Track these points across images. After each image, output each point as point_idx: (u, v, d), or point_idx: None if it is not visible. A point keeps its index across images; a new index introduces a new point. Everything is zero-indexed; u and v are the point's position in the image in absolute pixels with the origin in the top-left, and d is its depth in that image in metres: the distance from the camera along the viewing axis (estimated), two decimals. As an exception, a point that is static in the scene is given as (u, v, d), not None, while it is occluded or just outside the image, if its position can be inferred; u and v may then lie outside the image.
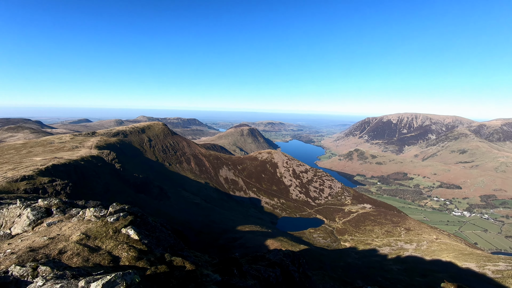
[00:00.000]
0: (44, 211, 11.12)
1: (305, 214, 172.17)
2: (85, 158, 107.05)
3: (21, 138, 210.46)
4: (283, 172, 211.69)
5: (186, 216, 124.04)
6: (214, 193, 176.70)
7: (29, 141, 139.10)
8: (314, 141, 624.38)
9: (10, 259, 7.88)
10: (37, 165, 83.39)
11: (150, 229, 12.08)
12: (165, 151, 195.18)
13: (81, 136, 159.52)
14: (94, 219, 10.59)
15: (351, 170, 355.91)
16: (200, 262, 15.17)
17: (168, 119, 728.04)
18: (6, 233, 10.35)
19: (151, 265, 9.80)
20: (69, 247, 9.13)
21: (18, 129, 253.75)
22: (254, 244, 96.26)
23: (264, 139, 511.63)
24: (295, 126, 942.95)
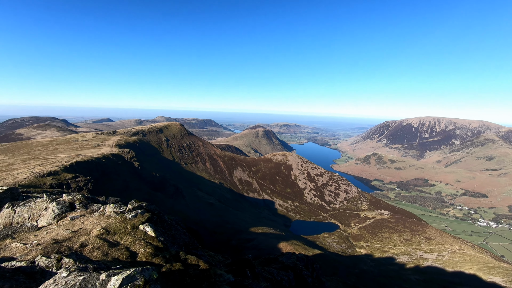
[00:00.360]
0: (68, 205, 11.66)
1: (320, 218, 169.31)
2: (106, 156, 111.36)
3: (49, 135, 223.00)
4: (298, 175, 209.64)
5: (200, 216, 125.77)
6: (228, 194, 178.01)
7: (56, 139, 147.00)
8: (330, 144, 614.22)
9: (36, 250, 8.29)
10: (62, 162, 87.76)
11: (166, 227, 12.32)
12: (181, 151, 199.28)
13: (103, 134, 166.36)
14: (114, 215, 10.95)
15: (368, 174, 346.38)
16: (213, 261, 15.26)
17: (185, 119, 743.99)
18: (33, 225, 10.90)
19: (167, 262, 9.98)
20: (90, 241, 9.47)
21: (46, 127, 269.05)
22: (267, 246, 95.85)
23: (279, 141, 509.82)
24: (310, 129, 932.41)
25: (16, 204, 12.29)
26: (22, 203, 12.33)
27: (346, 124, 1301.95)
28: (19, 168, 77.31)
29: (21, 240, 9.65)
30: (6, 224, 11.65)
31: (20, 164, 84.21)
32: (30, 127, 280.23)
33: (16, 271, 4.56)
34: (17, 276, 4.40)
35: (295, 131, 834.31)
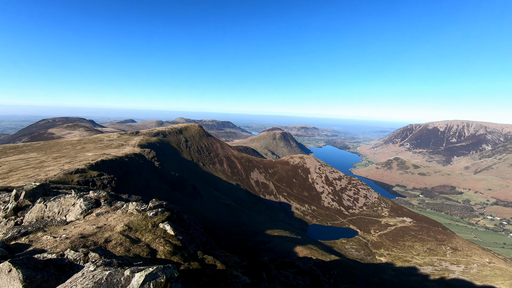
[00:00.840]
0: (94, 202, 12.22)
1: (337, 223, 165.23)
2: (129, 156, 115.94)
3: (77, 135, 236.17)
4: (315, 178, 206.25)
5: (216, 216, 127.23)
6: (244, 195, 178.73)
7: (83, 138, 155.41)
8: (349, 148, 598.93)
9: (65, 243, 8.74)
10: (88, 160, 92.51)
11: (185, 226, 12.56)
12: (199, 151, 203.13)
13: (126, 135, 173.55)
14: (136, 213, 11.32)
15: (389, 180, 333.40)
16: (229, 262, 15.32)
17: (203, 121, 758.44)
18: (62, 220, 11.49)
19: (185, 261, 10.14)
20: (113, 237, 9.81)
21: (74, 127, 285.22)
22: (283, 250, 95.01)
23: (297, 143, 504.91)
24: (329, 131, 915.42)
25: (48, 199, 13.05)
26: (52, 199, 13.07)
27: (367, 127, 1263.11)
28: (50, 166, 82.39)
29: (51, 233, 10.20)
30: (38, 217, 12.39)
31: (51, 161, 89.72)
32: (60, 127, 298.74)
33: (47, 263, 4.84)
34: (48, 268, 4.67)
35: (313, 134, 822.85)
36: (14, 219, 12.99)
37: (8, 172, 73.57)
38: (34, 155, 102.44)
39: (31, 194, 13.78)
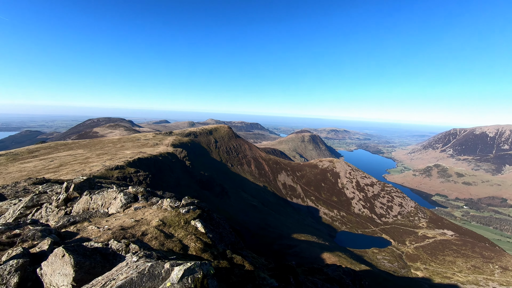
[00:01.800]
0: (132, 197, 13.04)
1: (369, 231, 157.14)
2: (163, 154, 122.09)
3: (117, 134, 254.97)
4: (345, 183, 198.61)
5: (243, 217, 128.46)
6: (271, 197, 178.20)
7: (123, 137, 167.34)
8: (383, 152, 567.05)
9: (107, 234, 9.40)
10: (127, 158, 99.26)
11: (215, 225, 12.83)
12: (228, 152, 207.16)
13: (161, 135, 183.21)
14: (170, 209, 11.82)
15: (428, 188, 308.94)
16: (257, 264, 15.30)
17: (232, 122, 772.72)
18: (105, 212, 12.40)
19: (214, 258, 10.34)
20: (149, 231, 10.32)
21: (116, 127, 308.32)
22: (309, 255, 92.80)
23: (326, 146, 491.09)
24: (361, 135, 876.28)
25: (92, 192, 14.21)
26: (97, 192, 14.21)
27: (403, 131, 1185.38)
28: (94, 162, 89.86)
29: (96, 224, 11.03)
30: (84, 209, 13.53)
31: (95, 158, 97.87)
32: (103, 126, 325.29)
33: (94, 251, 5.26)
34: (95, 255, 5.07)
35: (343, 137, 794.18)
36: (64, 209, 14.38)
37: (59, 166, 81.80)
38: (80, 152, 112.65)
39: (79, 187, 15.17)
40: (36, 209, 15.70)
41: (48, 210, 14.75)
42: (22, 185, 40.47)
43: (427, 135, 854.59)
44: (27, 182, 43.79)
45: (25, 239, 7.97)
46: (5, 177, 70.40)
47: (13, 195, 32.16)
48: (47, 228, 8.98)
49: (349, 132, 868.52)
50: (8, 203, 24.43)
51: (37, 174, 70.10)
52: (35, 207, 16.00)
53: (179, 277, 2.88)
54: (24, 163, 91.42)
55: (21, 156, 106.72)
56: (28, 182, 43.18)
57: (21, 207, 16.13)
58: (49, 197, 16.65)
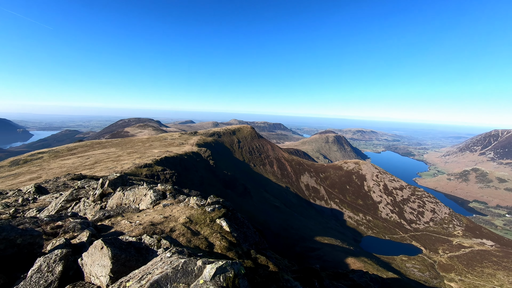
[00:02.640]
0: (161, 194, 13.57)
1: (397, 237, 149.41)
2: (188, 154, 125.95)
3: (146, 134, 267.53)
4: (372, 186, 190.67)
5: (265, 217, 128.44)
6: (294, 199, 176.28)
7: (151, 137, 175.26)
8: (414, 154, 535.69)
9: (139, 229, 9.85)
10: (154, 156, 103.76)
11: (239, 224, 12.94)
12: (251, 152, 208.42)
13: (186, 134, 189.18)
14: (196, 207, 12.11)
15: (465, 194, 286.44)
16: (280, 265, 15.16)
17: (255, 122, 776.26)
18: (136, 207, 13.03)
19: (239, 257, 10.40)
20: (177, 227, 10.65)
21: (145, 127, 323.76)
22: (333, 259, 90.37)
23: (352, 148, 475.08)
24: (389, 136, 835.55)
25: (125, 189, 15.00)
26: (129, 188, 14.97)
27: (437, 132, 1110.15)
28: (125, 159, 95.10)
29: (128, 218, 11.61)
30: (117, 204, 14.31)
31: (126, 156, 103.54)
32: (134, 126, 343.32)
33: (129, 245, 5.53)
34: (129, 249, 5.33)
35: (370, 138, 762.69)
36: (100, 203, 15.36)
37: (94, 163, 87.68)
38: (113, 150, 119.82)
39: (113, 183, 16.13)
40: (75, 203, 16.95)
41: (85, 204, 15.86)
42: (62, 180, 43.95)
43: (463, 137, 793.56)
44: (67, 177, 47.47)
45: (67, 231, 8.60)
46: (47, 172, 76.98)
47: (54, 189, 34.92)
48: (85, 221, 9.62)
49: (376, 133, 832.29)
50: (50, 196, 26.66)
51: (75, 170, 75.73)
52: (74, 201, 17.29)
53: (212, 275, 2.92)
54: (64, 160, 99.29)
55: (61, 153, 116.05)
56: (67, 178, 46.80)
57: (62, 200, 17.51)
58: (86, 192, 17.91)
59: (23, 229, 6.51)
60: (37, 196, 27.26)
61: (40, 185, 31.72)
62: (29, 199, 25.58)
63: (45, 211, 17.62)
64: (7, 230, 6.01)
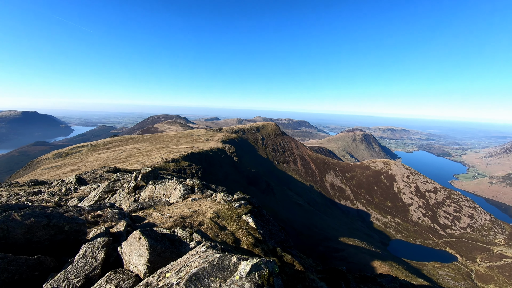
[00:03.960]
0: (190, 188, 14.04)
1: (429, 243, 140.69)
2: (213, 150, 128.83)
3: (174, 130, 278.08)
4: (402, 188, 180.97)
5: (288, 215, 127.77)
6: (318, 197, 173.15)
7: (178, 133, 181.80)
8: (450, 155, 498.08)
9: (169, 221, 10.27)
10: (181, 152, 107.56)
11: (265, 221, 12.98)
12: (275, 149, 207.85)
13: (212, 131, 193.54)
14: (223, 202, 12.36)
15: (509, 199, 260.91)
16: (305, 264, 14.99)
17: (280, 120, 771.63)
18: (166, 201, 13.61)
19: (265, 255, 10.44)
20: (205, 222, 10.94)
21: (172, 123, 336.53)
22: (358, 261, 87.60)
23: (381, 146, 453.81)
24: (423, 135, 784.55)
25: (156, 182, 15.72)
26: (159, 182, 15.67)
27: (477, 131, 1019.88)
28: (154, 154, 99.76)
29: (159, 211, 12.16)
30: (149, 197, 15.06)
31: (155, 151, 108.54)
32: (162, 123, 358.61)
33: (163, 236, 5.80)
34: (164, 241, 5.58)
35: (401, 137, 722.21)
36: (133, 195, 16.28)
37: (126, 157, 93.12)
38: (144, 145, 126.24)
39: (145, 177, 17.02)
40: (111, 194, 18.15)
41: (120, 196, 16.92)
42: (98, 172, 47.31)
43: (509, 137, 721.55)
44: (102, 170, 50.99)
45: (106, 220, 9.23)
46: (86, 164, 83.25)
47: (92, 181, 37.69)
48: (121, 212, 10.25)
49: (408, 132, 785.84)
50: (89, 187, 28.83)
51: (109, 163, 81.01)
52: (110, 192, 18.52)
53: (247, 272, 2.95)
54: (100, 153, 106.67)
55: (98, 147, 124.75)
56: (103, 170, 50.26)
57: (100, 191, 18.85)
58: (121, 184, 19.10)
59: (70, 217, 7.10)
60: (78, 187, 29.66)
61: (80, 176, 34.41)
62: (70, 189, 27.92)
63: (85, 201, 19.10)
64: (57, 218, 6.60)
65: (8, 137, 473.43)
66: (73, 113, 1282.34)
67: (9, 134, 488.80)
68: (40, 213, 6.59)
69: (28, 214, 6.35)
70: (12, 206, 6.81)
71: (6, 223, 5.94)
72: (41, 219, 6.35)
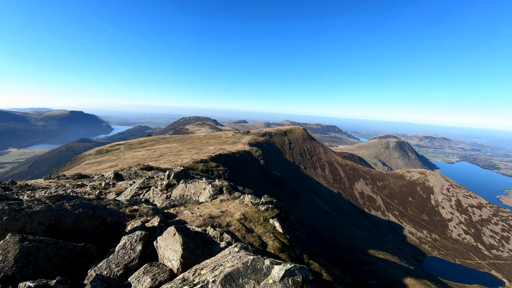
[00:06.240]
0: (218, 189, 14.37)
1: (471, 263, 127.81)
2: (240, 152, 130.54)
3: (203, 131, 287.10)
4: (441, 201, 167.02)
5: (314, 222, 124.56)
6: (346, 206, 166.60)
7: (207, 134, 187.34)
8: (499, 168, 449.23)
9: (199, 220, 10.59)
10: (210, 153, 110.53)
11: (291, 226, 12.83)
12: (302, 154, 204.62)
13: (239, 134, 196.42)
14: (250, 205, 12.45)
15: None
16: (332, 274, 14.48)
17: (308, 124, 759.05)
18: (196, 200, 14.06)
19: (291, 260, 10.28)
20: (232, 223, 11.09)
21: (202, 125, 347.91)
22: (388, 277, 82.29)
23: (417, 155, 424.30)
24: (467, 144, 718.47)
25: (187, 181, 16.33)
26: (190, 181, 16.25)
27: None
28: (184, 154, 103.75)
29: (189, 209, 12.59)
30: (180, 195, 15.66)
31: (185, 151, 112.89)
32: (193, 124, 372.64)
33: (195, 234, 6.01)
34: (196, 238, 5.78)
35: (441, 146, 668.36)
36: (166, 193, 17.09)
37: (159, 156, 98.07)
38: (175, 145, 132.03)
39: (177, 175, 17.78)
40: (146, 191, 19.23)
41: (154, 193, 17.85)
42: (133, 169, 50.40)
43: None
44: (137, 167, 54.23)
45: (141, 215, 9.80)
46: (122, 161, 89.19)
47: (128, 177, 40.22)
48: (155, 207, 10.81)
49: (449, 140, 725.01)
50: (126, 183, 30.83)
51: (143, 161, 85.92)
52: (145, 188, 19.63)
53: (281, 276, 2.94)
54: (135, 151, 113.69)
55: (134, 146, 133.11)
56: (138, 168, 53.43)
57: (135, 187, 20.07)
58: (155, 181, 20.16)
59: (111, 209, 7.67)
60: (115, 182, 31.88)
61: (118, 172, 36.94)
62: (109, 184, 30.10)
63: (122, 196, 20.45)
64: (101, 209, 7.18)
65: (58, 134, 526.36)
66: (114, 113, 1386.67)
67: (59, 131, 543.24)
68: (87, 204, 7.22)
69: (77, 204, 6.99)
70: (64, 196, 7.56)
71: (59, 211, 6.59)
72: (87, 209, 6.96)
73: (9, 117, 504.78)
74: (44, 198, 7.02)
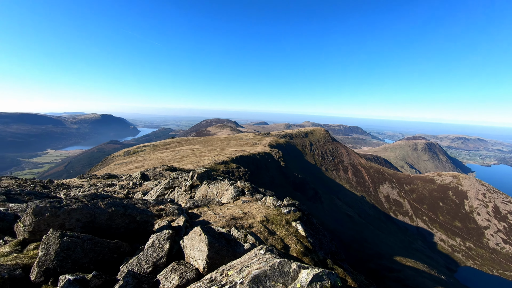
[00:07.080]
0: (240, 190, 14.51)
1: (511, 275, 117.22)
2: (260, 153, 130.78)
3: (224, 133, 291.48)
4: (476, 207, 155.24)
5: (336, 226, 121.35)
6: (370, 210, 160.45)
7: (228, 136, 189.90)
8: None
9: (222, 221, 10.75)
10: (230, 154, 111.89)
11: (314, 230, 12.61)
12: (323, 156, 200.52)
13: (260, 135, 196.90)
14: (272, 207, 12.42)
15: None
16: (357, 281, 14.02)
17: (330, 125, 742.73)
18: (218, 201, 14.28)
19: (315, 265, 10.10)
20: (254, 224, 11.13)
21: (223, 127, 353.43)
22: (416, 286, 77.87)
23: (449, 158, 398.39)
24: (505, 146, 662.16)
25: (210, 182, 16.67)
26: (213, 183, 16.57)
27: None
28: (206, 156, 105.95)
29: (212, 210, 12.82)
30: (203, 196, 16.01)
31: (207, 152, 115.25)
32: (214, 126, 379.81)
33: (220, 235, 6.13)
34: (221, 239, 5.89)
35: (476, 147, 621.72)
36: (189, 193, 17.56)
37: (182, 157, 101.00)
38: (197, 147, 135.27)
39: (200, 176, 18.22)
40: (171, 191, 19.90)
41: (178, 193, 18.42)
42: (158, 170, 52.34)
43: None
44: (162, 168, 56.25)
45: (167, 214, 10.16)
46: (148, 162, 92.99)
47: (153, 177, 41.85)
48: (180, 207, 11.15)
49: (485, 142, 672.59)
50: (151, 183, 32.11)
51: (167, 162, 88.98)
52: (170, 189, 20.32)
53: (308, 281, 2.91)
54: (160, 153, 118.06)
55: (158, 147, 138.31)
56: (162, 168, 55.41)
57: (161, 187, 20.84)
58: (179, 182, 20.79)
59: (140, 208, 8.05)
60: (142, 182, 33.33)
61: (144, 173, 38.59)
62: (136, 184, 31.52)
63: (149, 195, 21.33)
64: (131, 208, 7.56)
65: (90, 136, 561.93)
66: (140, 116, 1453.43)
67: (90, 133, 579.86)
68: (119, 203, 7.64)
69: (110, 203, 7.42)
70: (98, 195, 8.06)
71: (94, 209, 7.04)
72: (119, 208, 7.36)
73: (47, 120, 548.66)
74: (81, 197, 7.54)
